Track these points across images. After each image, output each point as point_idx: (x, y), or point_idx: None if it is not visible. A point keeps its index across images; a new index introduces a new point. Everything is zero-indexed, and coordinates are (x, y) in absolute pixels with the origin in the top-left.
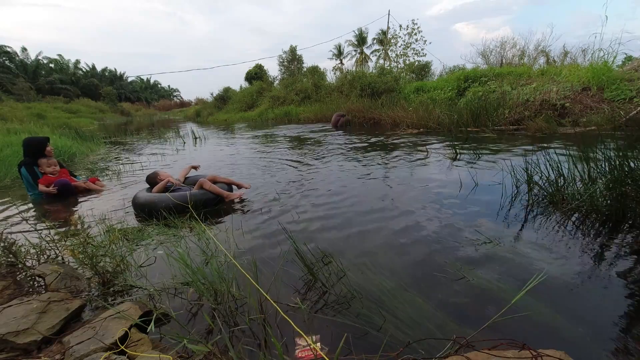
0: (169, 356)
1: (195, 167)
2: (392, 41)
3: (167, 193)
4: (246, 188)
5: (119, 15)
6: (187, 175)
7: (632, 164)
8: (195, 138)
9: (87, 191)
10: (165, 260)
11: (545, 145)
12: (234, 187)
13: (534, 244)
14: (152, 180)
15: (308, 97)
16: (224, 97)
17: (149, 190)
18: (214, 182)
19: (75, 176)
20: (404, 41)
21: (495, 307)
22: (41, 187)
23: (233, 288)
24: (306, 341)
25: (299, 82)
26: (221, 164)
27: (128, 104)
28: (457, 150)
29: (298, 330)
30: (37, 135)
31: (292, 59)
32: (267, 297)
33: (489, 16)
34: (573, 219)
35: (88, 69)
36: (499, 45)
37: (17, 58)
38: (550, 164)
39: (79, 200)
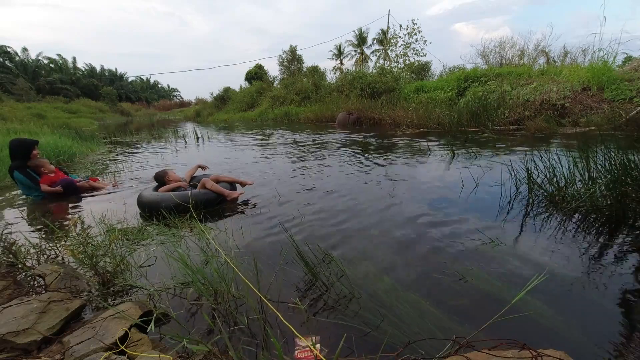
0: (169, 356)
1: (202, 167)
2: (392, 41)
3: (170, 192)
4: (250, 185)
5: (118, 15)
6: (194, 175)
7: (632, 164)
8: (198, 138)
9: (91, 190)
10: (165, 261)
11: (545, 145)
12: (238, 186)
13: (534, 244)
14: (160, 178)
15: (308, 97)
16: (224, 97)
17: (157, 187)
18: (217, 181)
19: (67, 174)
20: (404, 41)
21: (495, 307)
22: (44, 187)
23: (233, 288)
24: (305, 342)
25: (299, 82)
26: (222, 163)
27: (128, 104)
28: (454, 151)
29: (297, 334)
30: (25, 138)
31: (292, 59)
32: (268, 303)
33: (488, 16)
34: (573, 219)
35: (88, 68)
36: (498, 45)
37: (17, 58)
38: (550, 164)
39: (79, 200)
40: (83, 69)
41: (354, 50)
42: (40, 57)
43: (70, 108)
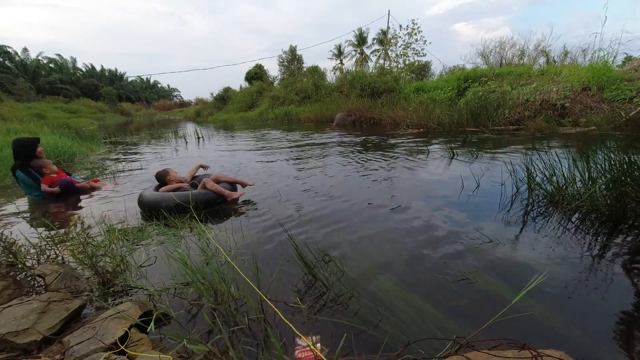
0: (169, 356)
1: (203, 167)
2: (392, 41)
3: (170, 192)
4: (250, 185)
5: (118, 15)
6: (196, 174)
7: (632, 164)
8: (198, 138)
9: (92, 190)
10: (165, 261)
11: (545, 145)
12: (239, 186)
13: (534, 244)
14: (161, 178)
15: (308, 97)
16: (224, 97)
17: (157, 187)
18: (217, 181)
19: (69, 175)
20: (404, 41)
21: (495, 307)
22: (44, 187)
23: (232, 288)
24: (306, 342)
25: (299, 82)
26: (222, 163)
27: (128, 104)
28: (455, 151)
29: (297, 333)
30: (29, 136)
31: (292, 59)
32: (268, 301)
33: (488, 16)
34: (573, 219)
35: (88, 68)
36: (498, 45)
37: (17, 58)
38: (550, 164)
39: (80, 200)
40: (83, 69)
41: (354, 50)
42: (40, 57)
43: (70, 108)
